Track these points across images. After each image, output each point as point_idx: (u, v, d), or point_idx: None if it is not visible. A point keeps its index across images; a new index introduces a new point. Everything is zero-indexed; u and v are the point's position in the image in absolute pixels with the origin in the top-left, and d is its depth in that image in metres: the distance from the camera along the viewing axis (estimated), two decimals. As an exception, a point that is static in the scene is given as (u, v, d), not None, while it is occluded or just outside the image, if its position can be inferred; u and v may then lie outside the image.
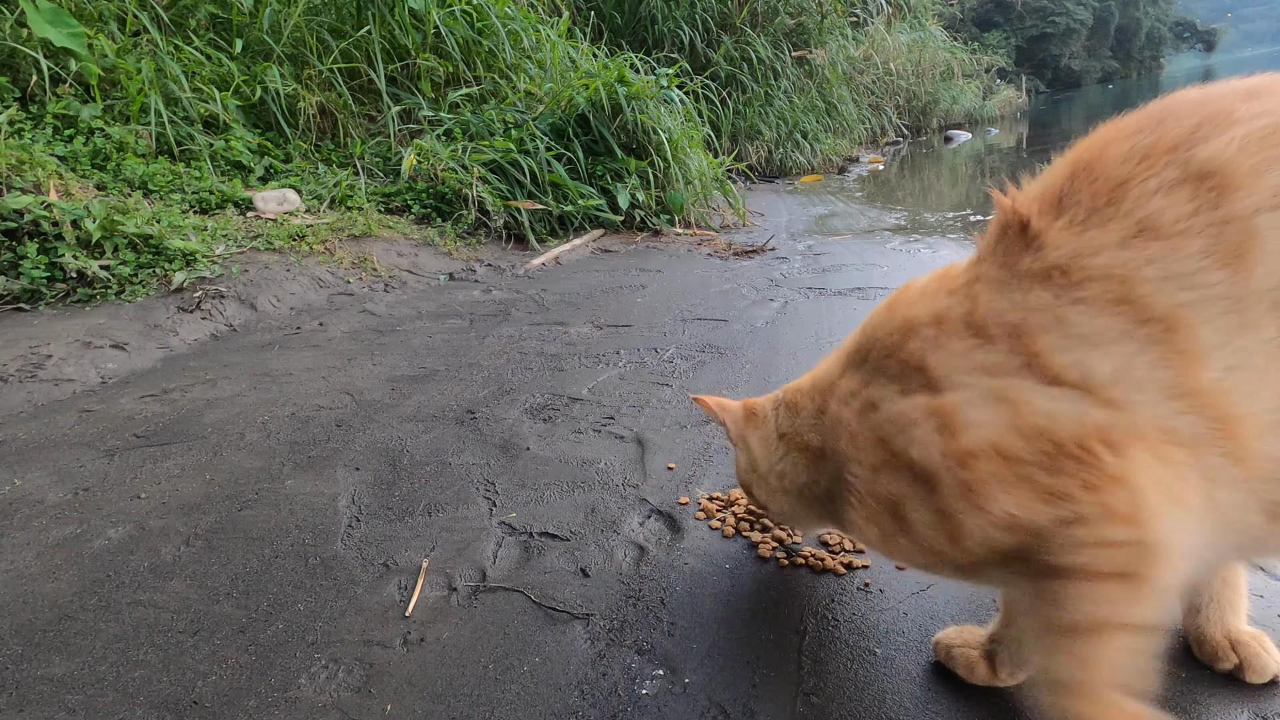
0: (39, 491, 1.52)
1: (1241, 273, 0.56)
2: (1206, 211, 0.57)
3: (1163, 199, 0.58)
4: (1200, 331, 0.57)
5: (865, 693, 0.89)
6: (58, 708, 0.94)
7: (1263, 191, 0.55)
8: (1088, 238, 0.61)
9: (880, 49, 10.49)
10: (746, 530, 1.24)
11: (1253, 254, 0.55)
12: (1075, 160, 0.66)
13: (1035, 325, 0.63)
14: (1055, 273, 0.62)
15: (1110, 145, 0.63)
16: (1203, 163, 0.57)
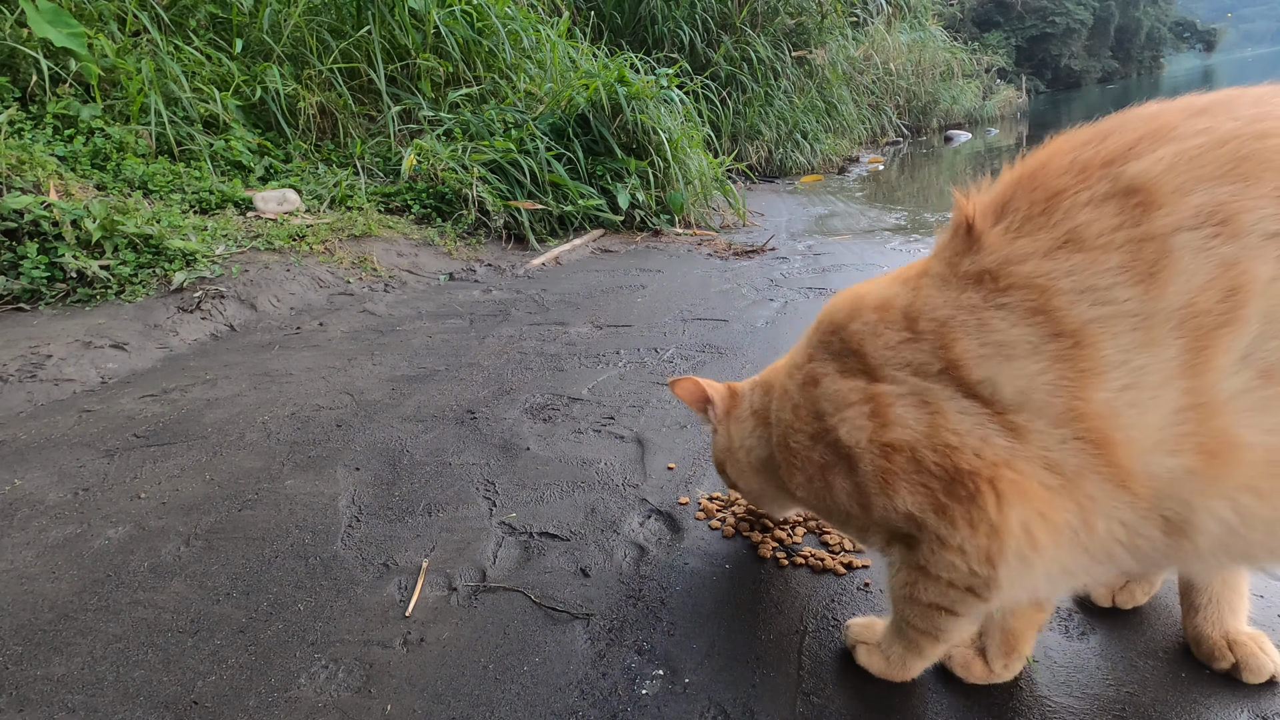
0: (39, 491, 1.52)
1: (1153, 291, 0.57)
2: (1129, 227, 0.58)
3: (1091, 212, 0.59)
4: (1104, 348, 0.59)
5: (865, 693, 0.89)
6: (58, 708, 0.94)
7: (1184, 211, 0.56)
8: (1018, 245, 0.63)
9: (880, 49, 10.48)
10: (746, 530, 1.24)
11: (1166, 273, 0.57)
12: (1023, 168, 0.67)
13: (959, 325, 0.66)
14: (986, 276, 0.65)
15: (1055, 156, 0.65)
16: (1131, 179, 0.58)
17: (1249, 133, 0.56)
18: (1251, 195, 0.54)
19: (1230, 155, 0.56)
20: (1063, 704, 0.85)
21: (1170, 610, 0.99)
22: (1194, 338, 0.56)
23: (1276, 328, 0.54)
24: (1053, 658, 0.92)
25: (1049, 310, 0.61)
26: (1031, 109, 20.17)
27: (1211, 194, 0.55)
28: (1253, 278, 0.54)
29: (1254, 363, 0.55)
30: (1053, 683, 0.88)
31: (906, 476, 0.70)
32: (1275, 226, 0.54)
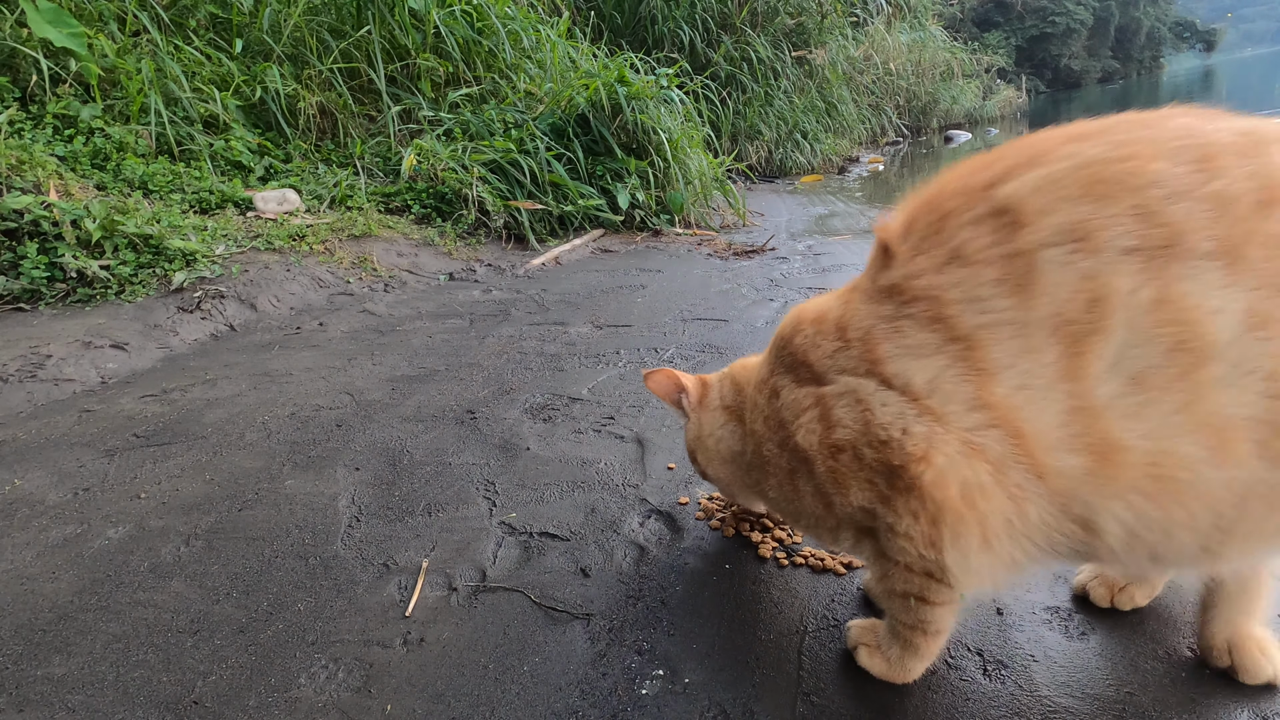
0: (39, 491, 1.52)
1: (1027, 301, 0.62)
2: (1002, 244, 0.63)
3: (971, 231, 0.65)
4: (993, 351, 0.64)
5: (865, 693, 0.89)
6: (58, 708, 0.94)
7: (1046, 229, 0.61)
8: (916, 261, 0.69)
9: (880, 49, 10.48)
10: (746, 530, 1.24)
11: (1035, 285, 0.61)
12: (927, 191, 0.72)
13: (879, 332, 0.72)
14: (895, 290, 0.71)
15: (950, 181, 0.69)
16: (1003, 200, 0.63)
17: (1111, 156, 0.60)
18: (1107, 213, 0.58)
19: (1090, 177, 0.60)
20: (1063, 704, 0.85)
21: (1171, 611, 0.99)
22: (1068, 344, 0.61)
23: (1140, 336, 0.58)
24: (1053, 658, 0.92)
25: (944, 318, 0.67)
26: (1031, 109, 20.17)
27: (1071, 213, 0.60)
28: (1113, 290, 0.58)
29: (1123, 369, 0.59)
30: (1053, 683, 0.88)
31: (854, 474, 0.76)
32: (1131, 242, 0.58)
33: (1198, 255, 0.56)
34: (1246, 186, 0.56)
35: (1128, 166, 0.59)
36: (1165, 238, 0.57)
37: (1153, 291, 0.57)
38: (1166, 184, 0.58)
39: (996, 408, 0.65)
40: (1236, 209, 0.56)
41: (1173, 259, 0.57)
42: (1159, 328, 0.57)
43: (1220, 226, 0.56)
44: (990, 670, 0.91)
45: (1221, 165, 0.57)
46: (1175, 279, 0.57)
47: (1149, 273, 0.57)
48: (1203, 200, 0.57)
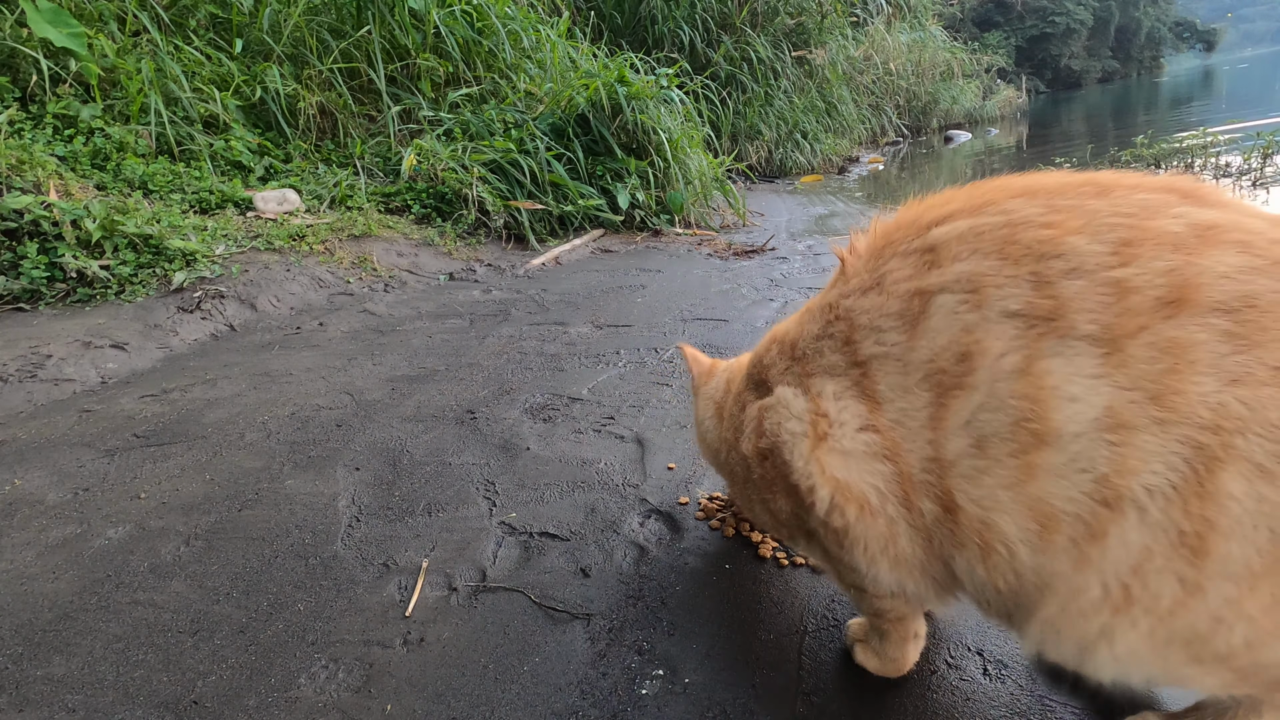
0: (39, 491, 1.52)
1: (912, 341, 0.63)
2: (914, 279, 0.64)
3: (899, 261, 0.66)
4: (879, 382, 0.66)
5: (865, 693, 0.89)
6: (58, 708, 0.94)
7: (949, 275, 0.61)
8: (850, 283, 0.71)
9: (880, 49, 10.48)
10: (746, 530, 1.24)
11: (921, 326, 0.63)
12: (897, 216, 0.73)
13: (812, 349, 0.75)
14: (829, 307, 0.73)
15: (910, 210, 0.70)
16: (932, 238, 0.64)
17: (1037, 219, 0.59)
18: (1006, 273, 0.58)
19: (1006, 236, 0.59)
20: (1063, 702, 0.85)
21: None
22: (936, 393, 0.62)
23: (994, 402, 0.57)
24: (1053, 658, 0.92)
25: (852, 341, 0.69)
26: (1032, 109, 20.17)
27: (976, 265, 0.60)
28: (984, 349, 0.58)
29: (973, 430, 0.59)
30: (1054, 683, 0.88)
31: (776, 478, 0.79)
32: (1015, 307, 0.57)
33: (1076, 336, 0.54)
34: (1156, 282, 0.52)
35: (1045, 233, 0.57)
36: (1049, 310, 0.55)
37: (1018, 360, 0.56)
38: (1072, 258, 0.56)
39: (883, 432, 0.66)
40: (1134, 301, 0.53)
41: (1050, 333, 0.55)
42: (1012, 398, 0.56)
43: (1110, 314, 0.53)
44: (990, 670, 0.91)
45: (1140, 254, 0.54)
46: (1043, 354, 0.55)
47: (1022, 341, 0.56)
48: (1102, 283, 0.54)
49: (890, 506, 0.67)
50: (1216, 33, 59.50)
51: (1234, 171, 4.77)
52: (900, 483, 0.66)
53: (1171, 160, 5.29)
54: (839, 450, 0.69)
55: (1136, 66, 43.11)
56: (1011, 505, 0.57)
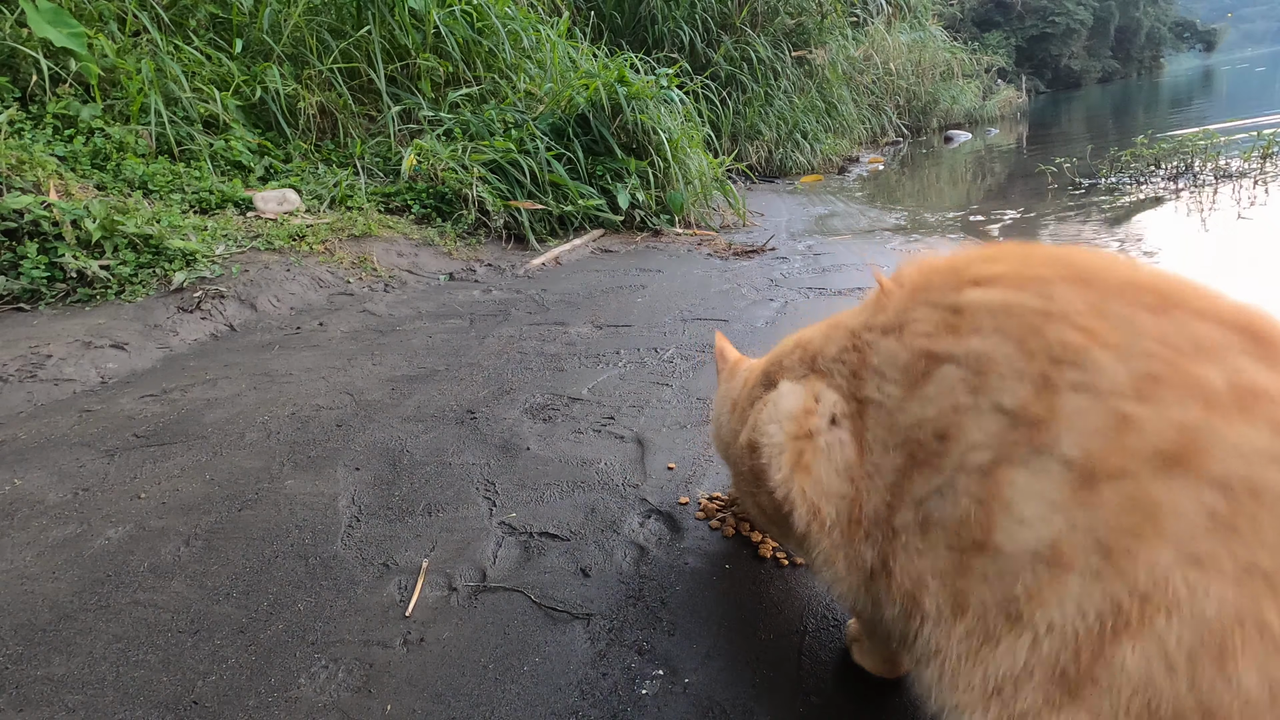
0: (39, 491, 1.52)
1: (904, 403, 0.62)
2: (929, 338, 0.62)
3: (925, 312, 0.64)
4: (869, 431, 0.66)
5: (865, 693, 0.89)
6: (58, 708, 0.94)
7: (962, 346, 0.59)
8: (879, 316, 0.70)
9: (880, 49, 10.48)
10: (746, 530, 1.24)
11: (917, 392, 0.61)
12: (950, 257, 0.70)
13: (826, 368, 0.74)
14: (852, 334, 0.72)
15: (960, 258, 0.67)
16: (964, 300, 0.61)
17: (1074, 317, 0.54)
18: (1016, 365, 0.55)
19: (1036, 326, 0.55)
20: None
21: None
22: (907, 461, 0.61)
23: (952, 493, 0.57)
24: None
25: (859, 376, 0.68)
26: (1032, 109, 20.17)
27: (993, 346, 0.57)
28: (962, 435, 0.56)
29: (923, 510, 0.59)
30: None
31: (760, 474, 0.79)
32: (1009, 402, 0.54)
33: (1055, 455, 0.51)
34: (1165, 432, 0.47)
35: (1075, 337, 0.53)
36: (1039, 417, 0.52)
37: (986, 459, 0.54)
38: (1089, 373, 0.51)
39: (854, 477, 0.67)
40: (1132, 442, 0.48)
41: (1028, 442, 0.52)
42: (966, 496, 0.55)
43: (1100, 446, 0.49)
44: (990, 670, 0.91)
45: (1163, 396, 0.48)
46: (1013, 460, 0.53)
47: (998, 440, 0.54)
48: (1107, 411, 0.50)
49: (834, 536, 0.70)
50: (1216, 33, 59.51)
51: (1234, 172, 4.78)
52: (854, 523, 0.68)
53: (1171, 160, 5.29)
54: (820, 465, 0.71)
55: (1136, 67, 43.11)
56: (936, 590, 0.58)
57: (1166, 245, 3.36)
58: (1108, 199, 4.63)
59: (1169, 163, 5.29)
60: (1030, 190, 5.46)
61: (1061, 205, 4.62)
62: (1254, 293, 2.55)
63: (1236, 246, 3.19)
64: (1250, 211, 3.76)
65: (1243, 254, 3.08)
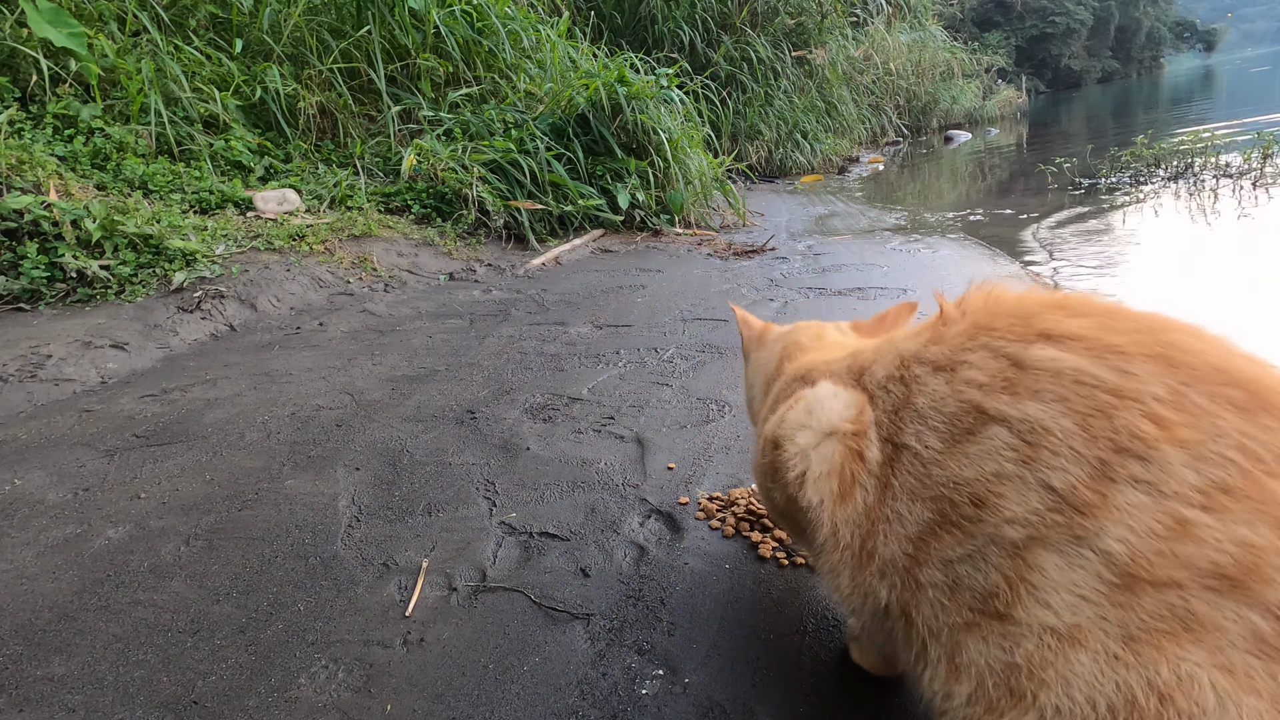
0: (39, 491, 1.52)
1: (943, 456, 0.59)
2: (981, 391, 0.58)
3: (984, 357, 0.59)
4: (898, 477, 0.63)
5: (865, 693, 0.89)
6: (58, 708, 0.94)
7: (1017, 410, 0.55)
8: (932, 348, 0.65)
9: (880, 49, 10.48)
10: (746, 530, 1.24)
11: (962, 446, 0.57)
12: (1013, 295, 0.66)
13: (873, 389, 0.71)
14: (901, 360, 0.69)
15: (1033, 300, 0.63)
16: (1026, 356, 0.56)
17: (1150, 403, 0.50)
18: (1073, 444, 0.51)
19: (1106, 405, 0.51)
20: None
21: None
22: (937, 518, 0.58)
23: (982, 563, 0.54)
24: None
25: (899, 415, 0.65)
26: (1032, 109, 20.17)
27: (1052, 418, 0.53)
28: (1001, 506, 0.53)
29: (951, 573, 0.57)
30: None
31: (778, 470, 0.78)
32: (1058, 484, 0.51)
33: (1095, 548, 0.48)
34: (1227, 548, 0.44)
35: (1147, 427, 0.49)
36: (1088, 504, 0.49)
37: (1021, 537, 0.52)
38: (1155, 470, 0.47)
39: (873, 516, 0.65)
40: (1188, 553, 0.45)
41: (1069, 528, 0.49)
42: (996, 570, 0.53)
43: (1151, 550, 0.46)
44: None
45: (1231, 510, 0.45)
46: (1048, 544, 0.50)
47: (1038, 520, 0.51)
48: (1166, 513, 0.46)
49: (844, 558, 0.68)
50: (1216, 33, 59.51)
51: (1234, 172, 4.78)
52: (867, 557, 0.66)
53: (1171, 160, 5.29)
54: (859, 496, 0.69)
55: (1136, 66, 43.13)
56: (951, 644, 0.57)
57: (1166, 245, 3.36)
58: (1108, 199, 4.63)
59: (1169, 163, 5.29)
60: (1031, 190, 5.47)
61: (1062, 205, 4.63)
62: (1254, 291, 2.55)
63: (1236, 246, 3.19)
64: (1251, 211, 3.76)
65: (1242, 254, 3.08)
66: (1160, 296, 2.65)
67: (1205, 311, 2.38)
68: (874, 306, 2.60)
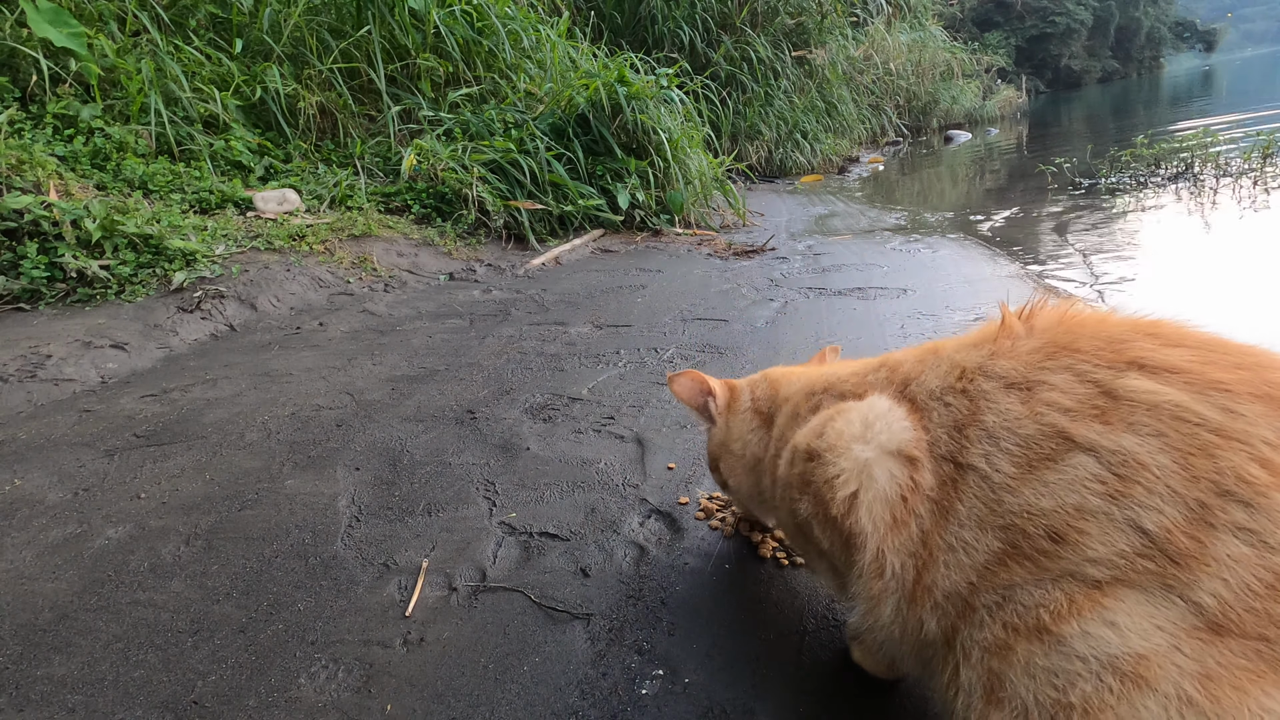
0: (39, 491, 1.52)
1: (1016, 485, 0.55)
2: (1066, 418, 0.55)
3: (1067, 381, 0.56)
4: (962, 499, 0.59)
5: (866, 692, 0.89)
6: (58, 708, 0.94)
7: (1110, 441, 0.52)
8: (999, 361, 0.62)
9: (880, 49, 10.48)
10: (746, 530, 1.24)
11: (1040, 474, 0.54)
12: (1088, 313, 0.64)
13: (921, 400, 0.68)
14: (960, 371, 0.65)
15: (1118, 324, 0.60)
16: (1121, 387, 0.53)
17: (1260, 446, 0.47)
18: (1171, 483, 0.48)
19: (1208, 445, 0.48)
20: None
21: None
22: (1007, 549, 0.55)
23: (1053, 589, 0.52)
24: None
25: (963, 432, 0.61)
26: (1032, 109, 20.17)
27: (1149, 453, 0.49)
28: (1082, 541, 0.50)
29: (1012, 600, 0.54)
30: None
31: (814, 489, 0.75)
32: (1150, 525, 0.48)
33: (1184, 596, 0.46)
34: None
35: (1255, 471, 0.46)
36: (1183, 553, 0.46)
37: (1105, 576, 0.49)
38: (1259, 518, 0.44)
39: (931, 543, 0.61)
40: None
41: (1160, 575, 0.47)
42: (1065, 595, 0.51)
43: (1245, 605, 0.43)
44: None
45: None
46: (1132, 585, 0.47)
47: (1125, 563, 0.48)
48: (1268, 568, 0.43)
49: (887, 584, 0.64)
50: (1216, 33, 59.50)
51: (1234, 171, 4.78)
52: (920, 589, 0.62)
53: (1171, 160, 5.29)
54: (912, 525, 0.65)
55: (1136, 66, 43.12)
56: (999, 674, 0.54)
57: (1166, 245, 3.36)
58: (1108, 198, 4.63)
59: (1169, 162, 5.29)
60: (1030, 190, 5.47)
61: (1061, 205, 4.62)
62: (1253, 289, 2.55)
63: (1236, 245, 3.19)
64: (1251, 211, 3.76)
65: (1242, 252, 3.08)
66: (1164, 297, 2.65)
67: (1217, 308, 2.38)
68: (874, 306, 2.60)
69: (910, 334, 2.23)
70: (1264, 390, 0.49)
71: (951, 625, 0.59)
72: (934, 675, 0.62)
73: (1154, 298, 2.63)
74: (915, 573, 0.62)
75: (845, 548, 0.70)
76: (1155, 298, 2.63)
